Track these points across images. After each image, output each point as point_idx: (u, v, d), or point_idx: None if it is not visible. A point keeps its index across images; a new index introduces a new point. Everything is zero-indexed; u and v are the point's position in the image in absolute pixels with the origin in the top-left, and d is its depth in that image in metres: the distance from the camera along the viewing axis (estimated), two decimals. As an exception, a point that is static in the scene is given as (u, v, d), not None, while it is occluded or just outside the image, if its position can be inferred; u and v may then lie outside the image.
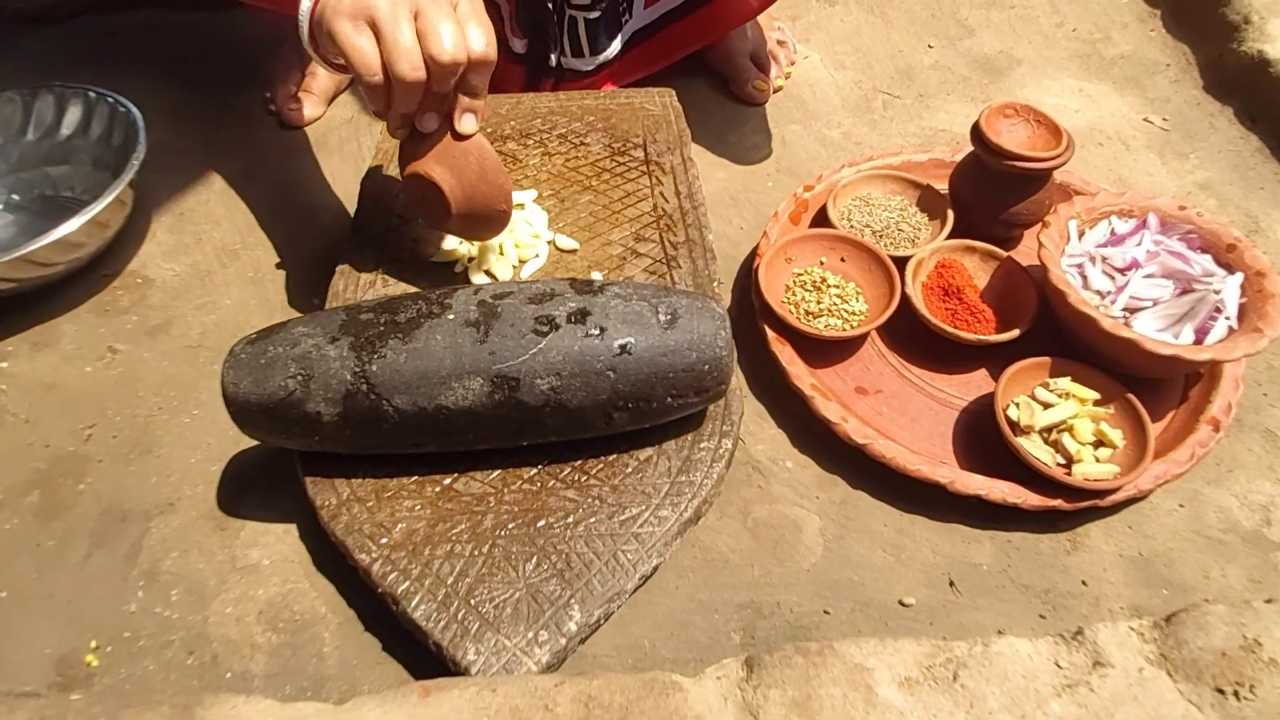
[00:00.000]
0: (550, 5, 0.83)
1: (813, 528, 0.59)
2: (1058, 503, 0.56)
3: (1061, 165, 0.67)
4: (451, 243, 0.69)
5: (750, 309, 0.68)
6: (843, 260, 0.70)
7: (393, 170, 0.78)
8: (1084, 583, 0.56)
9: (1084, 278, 0.63)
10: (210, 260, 0.78)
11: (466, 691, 0.38)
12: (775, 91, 0.94)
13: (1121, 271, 0.62)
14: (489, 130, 0.82)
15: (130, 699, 0.39)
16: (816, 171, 0.85)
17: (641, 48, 0.89)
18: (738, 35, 0.91)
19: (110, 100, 0.80)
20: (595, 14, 0.84)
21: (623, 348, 0.51)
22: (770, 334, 0.65)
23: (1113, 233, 0.65)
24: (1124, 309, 0.61)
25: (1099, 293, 0.62)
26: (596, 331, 0.51)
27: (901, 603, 0.55)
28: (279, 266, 0.77)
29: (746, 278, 0.74)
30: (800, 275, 0.69)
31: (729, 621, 0.54)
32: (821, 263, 0.70)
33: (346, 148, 0.88)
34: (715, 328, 0.53)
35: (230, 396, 0.52)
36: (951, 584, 0.56)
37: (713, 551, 0.58)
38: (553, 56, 0.86)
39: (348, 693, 0.51)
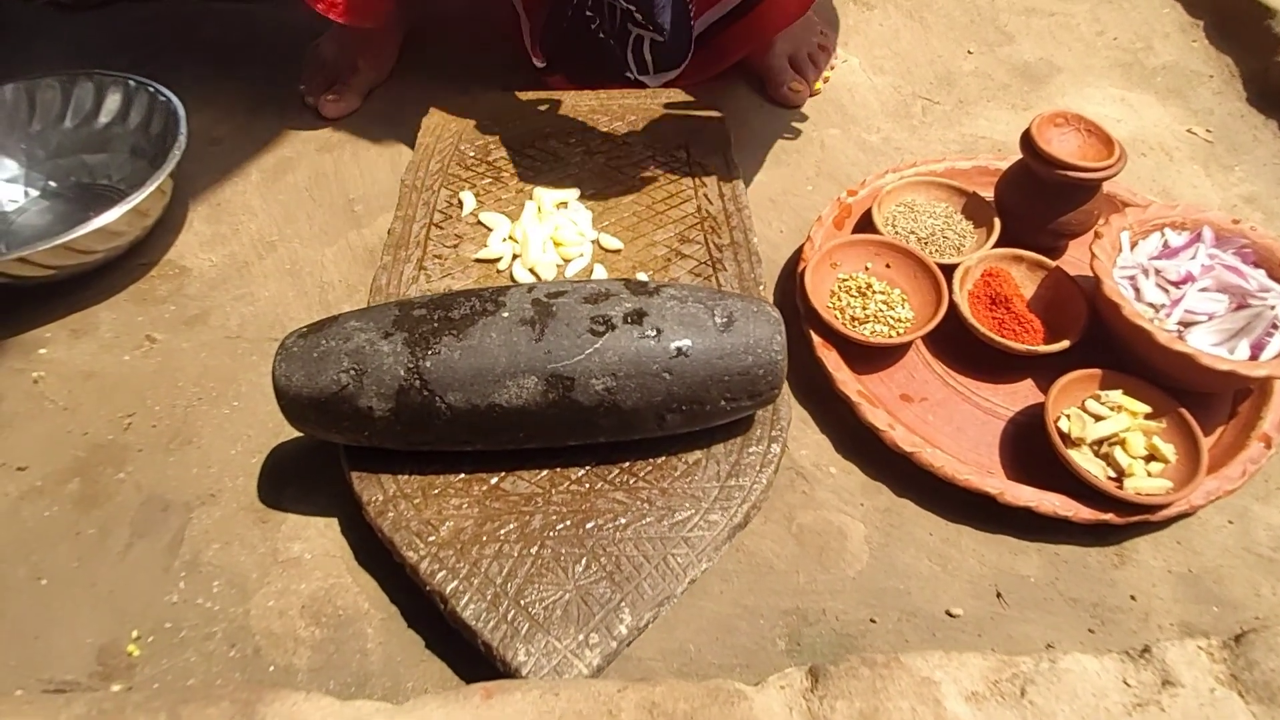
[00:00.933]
0: (602, 34, 0.81)
1: (858, 535, 0.58)
2: (1109, 516, 0.55)
3: (1114, 176, 0.66)
4: (495, 240, 0.69)
5: (793, 313, 0.68)
6: (888, 266, 0.70)
7: (434, 167, 0.77)
8: (1133, 597, 0.56)
9: (1136, 290, 0.62)
10: (247, 251, 0.77)
11: (529, 695, 0.38)
12: (812, 95, 0.93)
13: (1176, 284, 0.62)
14: (529, 128, 0.81)
15: (191, 694, 0.38)
16: (856, 176, 0.84)
17: (691, 59, 0.88)
18: (778, 37, 0.90)
19: (150, 89, 0.80)
20: (662, 38, 0.82)
21: (679, 350, 0.51)
22: (816, 339, 0.64)
23: (1166, 245, 0.65)
24: (1179, 323, 0.60)
25: (1152, 305, 0.62)
26: (653, 333, 0.51)
27: (949, 613, 0.55)
28: (316, 259, 0.76)
29: (788, 281, 0.74)
30: (845, 280, 0.68)
31: (774, 628, 0.54)
32: (866, 268, 0.70)
33: (383, 142, 0.87)
34: (771, 332, 0.52)
35: (282, 390, 0.51)
36: (999, 595, 0.56)
37: (757, 557, 0.57)
38: (629, 75, 0.85)
39: (392, 690, 0.51)
